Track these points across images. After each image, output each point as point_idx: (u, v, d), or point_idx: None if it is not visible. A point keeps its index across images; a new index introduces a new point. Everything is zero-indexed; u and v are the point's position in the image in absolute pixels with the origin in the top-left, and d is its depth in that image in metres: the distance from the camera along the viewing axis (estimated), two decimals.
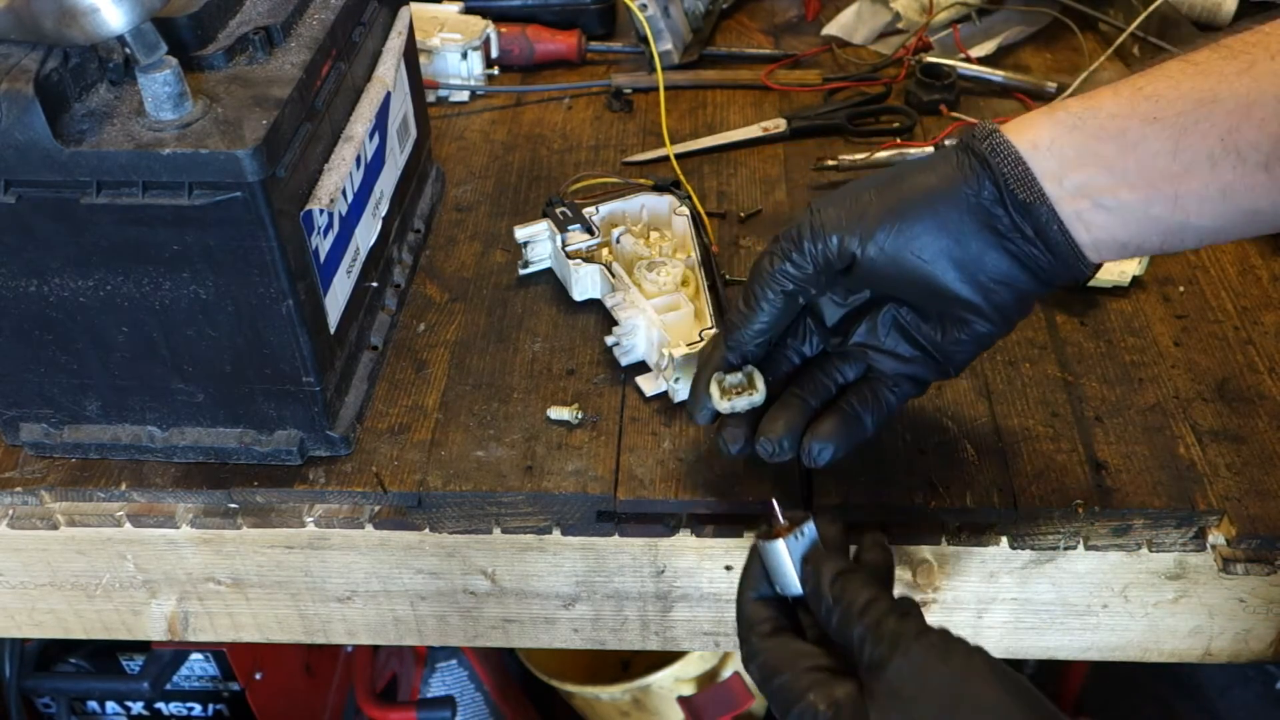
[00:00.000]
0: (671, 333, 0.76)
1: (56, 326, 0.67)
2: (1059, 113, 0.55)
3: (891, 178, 0.59)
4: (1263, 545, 0.69)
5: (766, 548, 0.58)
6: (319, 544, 0.75)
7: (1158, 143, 0.52)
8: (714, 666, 1.48)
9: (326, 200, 0.66)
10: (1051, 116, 0.55)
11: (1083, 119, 0.54)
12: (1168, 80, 0.53)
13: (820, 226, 0.59)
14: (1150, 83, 0.53)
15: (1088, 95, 0.55)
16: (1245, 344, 0.81)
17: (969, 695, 0.49)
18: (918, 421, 0.75)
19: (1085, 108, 0.54)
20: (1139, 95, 0.53)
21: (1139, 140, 0.53)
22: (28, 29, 0.57)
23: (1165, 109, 0.52)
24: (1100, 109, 0.54)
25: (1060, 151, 0.54)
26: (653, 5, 1.09)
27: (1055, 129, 0.55)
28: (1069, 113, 0.55)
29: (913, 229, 0.57)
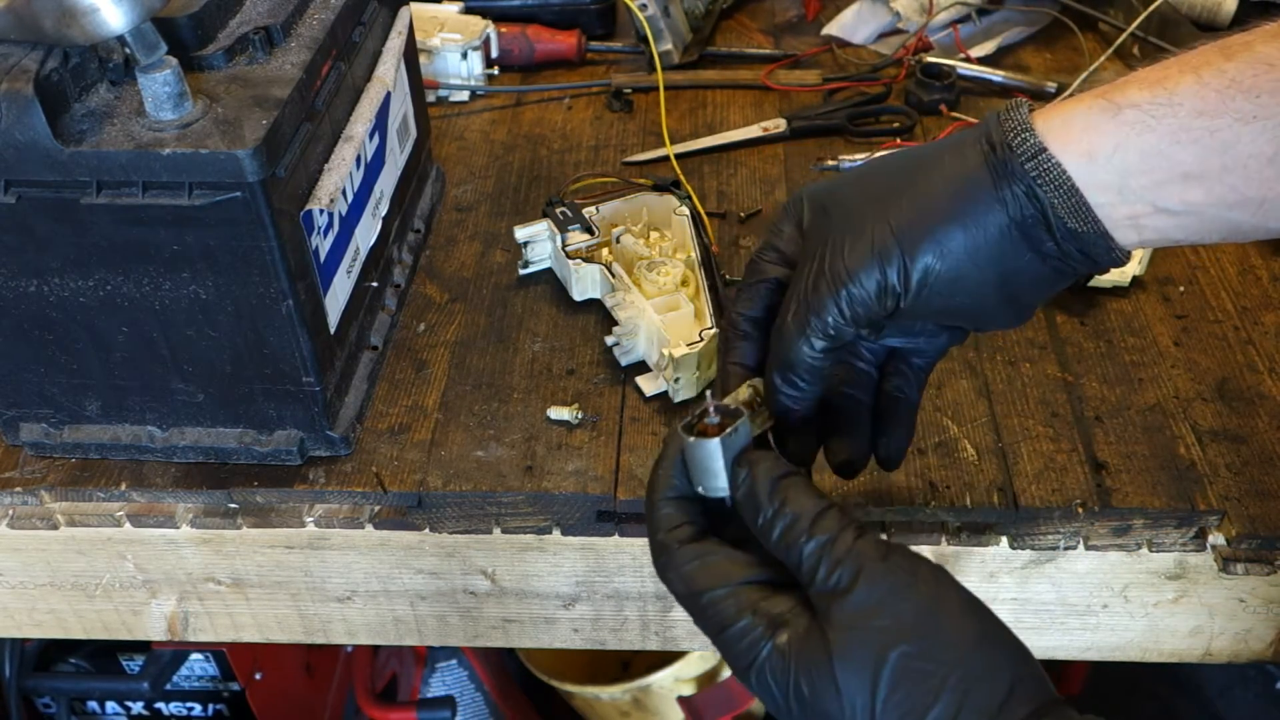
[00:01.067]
0: (671, 333, 0.76)
1: (56, 326, 0.67)
2: (1125, 109, 0.46)
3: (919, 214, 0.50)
4: (1263, 545, 0.69)
5: (694, 445, 0.49)
6: (319, 544, 0.75)
7: (1255, 145, 0.45)
8: (714, 666, 1.48)
9: (326, 200, 0.66)
10: (1115, 115, 0.47)
11: (1156, 117, 0.46)
12: (1269, 70, 0.44)
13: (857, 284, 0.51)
14: (1243, 71, 0.45)
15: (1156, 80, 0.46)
16: (1245, 344, 0.81)
17: (943, 629, 0.45)
18: (918, 421, 0.75)
19: (1158, 101, 0.46)
20: (1234, 86, 0.45)
21: (1232, 142, 0.45)
22: (28, 29, 0.57)
23: (1268, 106, 0.44)
24: (1180, 103, 0.46)
25: (1124, 161, 0.47)
26: (653, 5, 1.09)
27: (1120, 132, 0.47)
28: (1138, 110, 0.46)
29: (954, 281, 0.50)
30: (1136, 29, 1.07)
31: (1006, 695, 0.44)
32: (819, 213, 0.54)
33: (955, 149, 0.51)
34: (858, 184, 0.54)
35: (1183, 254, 0.89)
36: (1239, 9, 1.04)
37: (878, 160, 0.55)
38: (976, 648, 0.45)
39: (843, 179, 0.55)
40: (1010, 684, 0.44)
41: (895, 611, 0.45)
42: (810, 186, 0.56)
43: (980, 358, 0.80)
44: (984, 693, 0.44)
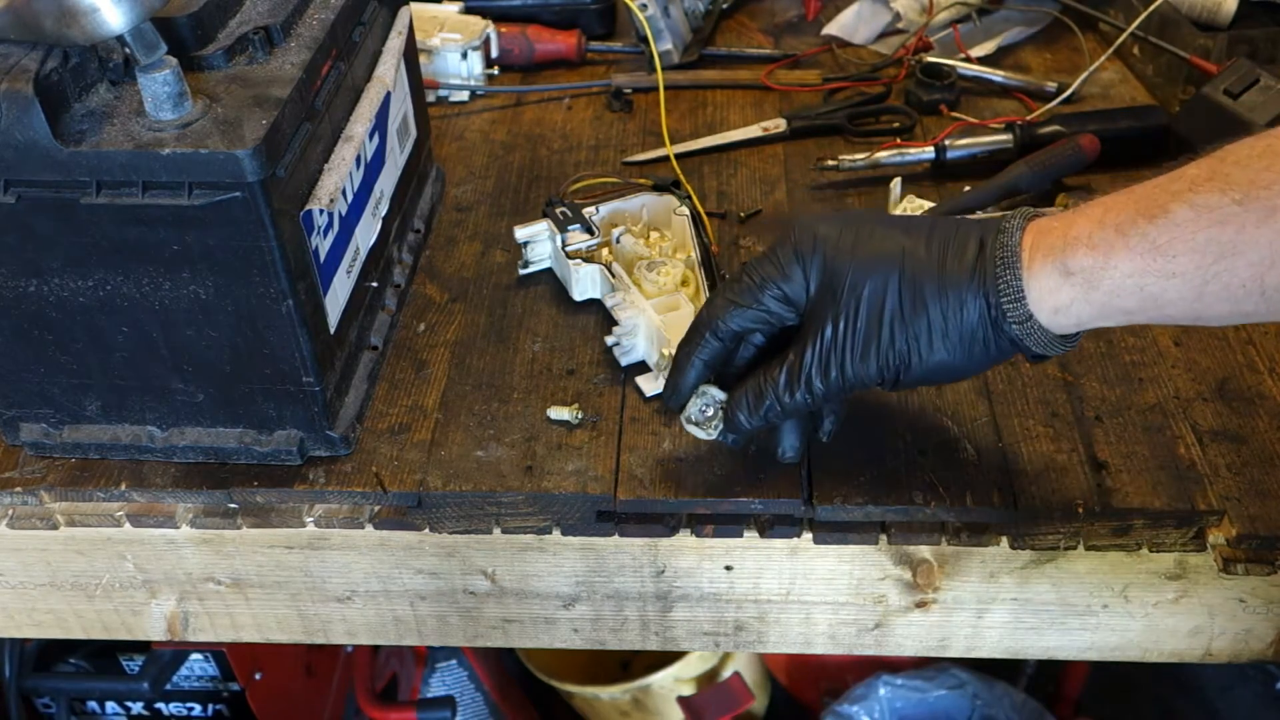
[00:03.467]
0: (671, 333, 0.76)
1: (56, 326, 0.67)
2: (1075, 274, 0.55)
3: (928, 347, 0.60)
4: (1263, 545, 0.69)
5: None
6: (319, 544, 0.75)
7: (1179, 293, 0.53)
8: (714, 666, 1.48)
9: (326, 200, 0.66)
10: (1068, 279, 0.56)
11: (1098, 280, 0.55)
12: (1182, 233, 0.52)
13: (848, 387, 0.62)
14: (1163, 235, 0.53)
15: (1095, 244, 0.55)
16: (1245, 344, 0.81)
17: None
18: (918, 421, 0.75)
19: (1097, 265, 0.55)
20: (1154, 251, 0.53)
21: (1159, 293, 0.54)
22: (28, 29, 0.57)
23: (1184, 265, 0.52)
24: (1115, 266, 0.54)
25: (1079, 312, 0.56)
26: (653, 5, 1.09)
27: (1074, 293, 0.56)
28: (1084, 275, 0.55)
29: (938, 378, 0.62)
30: (1136, 29, 1.07)
31: None
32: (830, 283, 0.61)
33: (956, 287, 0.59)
34: (870, 274, 0.61)
35: None
36: (1239, 9, 1.04)
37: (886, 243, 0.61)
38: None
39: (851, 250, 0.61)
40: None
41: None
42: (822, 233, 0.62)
43: None
44: None
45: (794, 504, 0.70)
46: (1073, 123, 1.00)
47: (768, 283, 0.63)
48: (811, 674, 1.55)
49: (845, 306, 0.60)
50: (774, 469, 0.71)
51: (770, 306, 0.63)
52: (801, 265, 0.62)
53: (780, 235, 0.64)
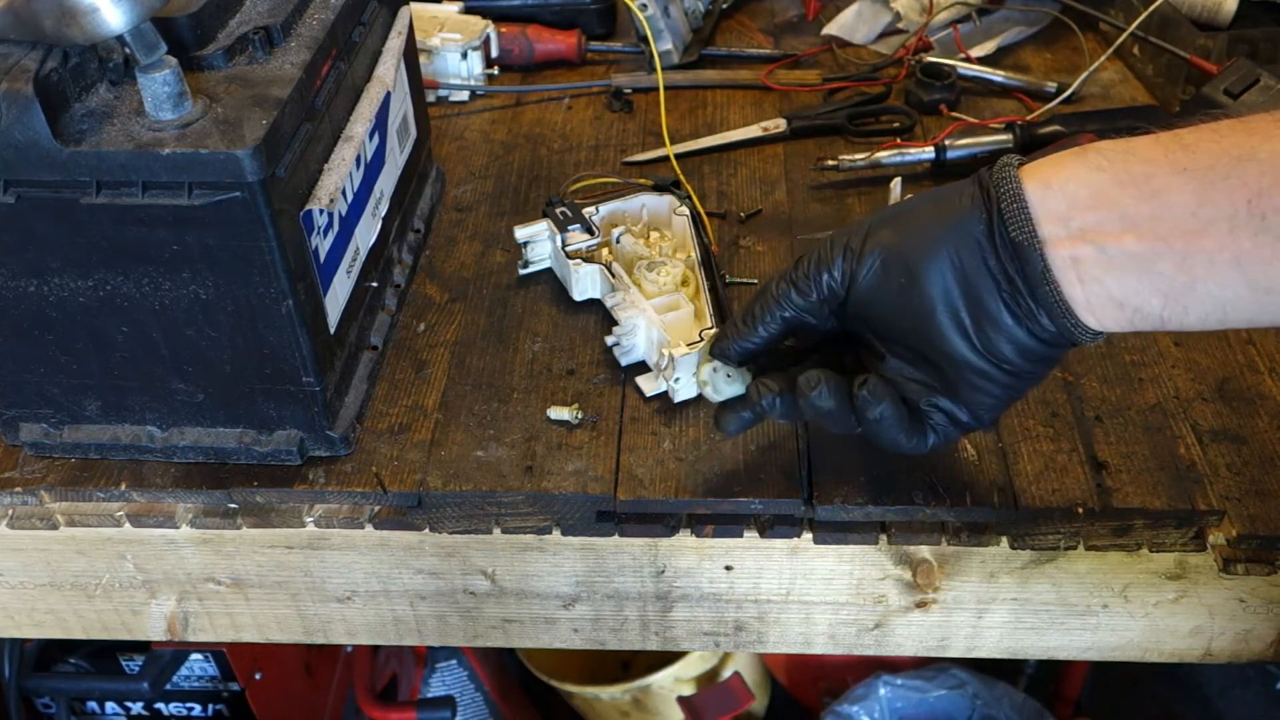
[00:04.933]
0: (671, 333, 0.76)
1: (56, 326, 0.67)
2: (1090, 153, 0.52)
3: (905, 206, 0.59)
4: (1263, 545, 0.69)
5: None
6: (319, 544, 0.75)
7: (1180, 195, 0.49)
8: (714, 666, 1.48)
9: (326, 200, 0.66)
10: (1082, 157, 0.52)
11: (1110, 161, 0.51)
12: (1211, 134, 0.49)
13: (827, 250, 0.60)
14: (1193, 133, 0.50)
15: (1132, 138, 0.52)
16: (1245, 344, 0.81)
17: None
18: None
19: (1119, 150, 0.52)
20: (1176, 144, 0.50)
21: (1162, 189, 0.50)
22: (28, 29, 0.57)
23: (1198, 160, 0.49)
24: (1134, 153, 0.51)
25: (1073, 192, 0.52)
26: (653, 5, 1.09)
27: (1078, 169, 0.52)
28: (1100, 154, 0.52)
29: (915, 258, 0.56)
30: (1136, 29, 1.07)
31: None
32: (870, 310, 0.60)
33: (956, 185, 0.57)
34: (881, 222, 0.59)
35: None
36: (1239, 8, 1.04)
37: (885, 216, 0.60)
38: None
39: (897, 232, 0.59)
40: None
41: None
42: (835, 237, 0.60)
43: None
44: None
45: (794, 504, 0.70)
46: (1073, 123, 1.00)
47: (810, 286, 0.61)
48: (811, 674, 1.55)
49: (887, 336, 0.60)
50: (774, 469, 0.71)
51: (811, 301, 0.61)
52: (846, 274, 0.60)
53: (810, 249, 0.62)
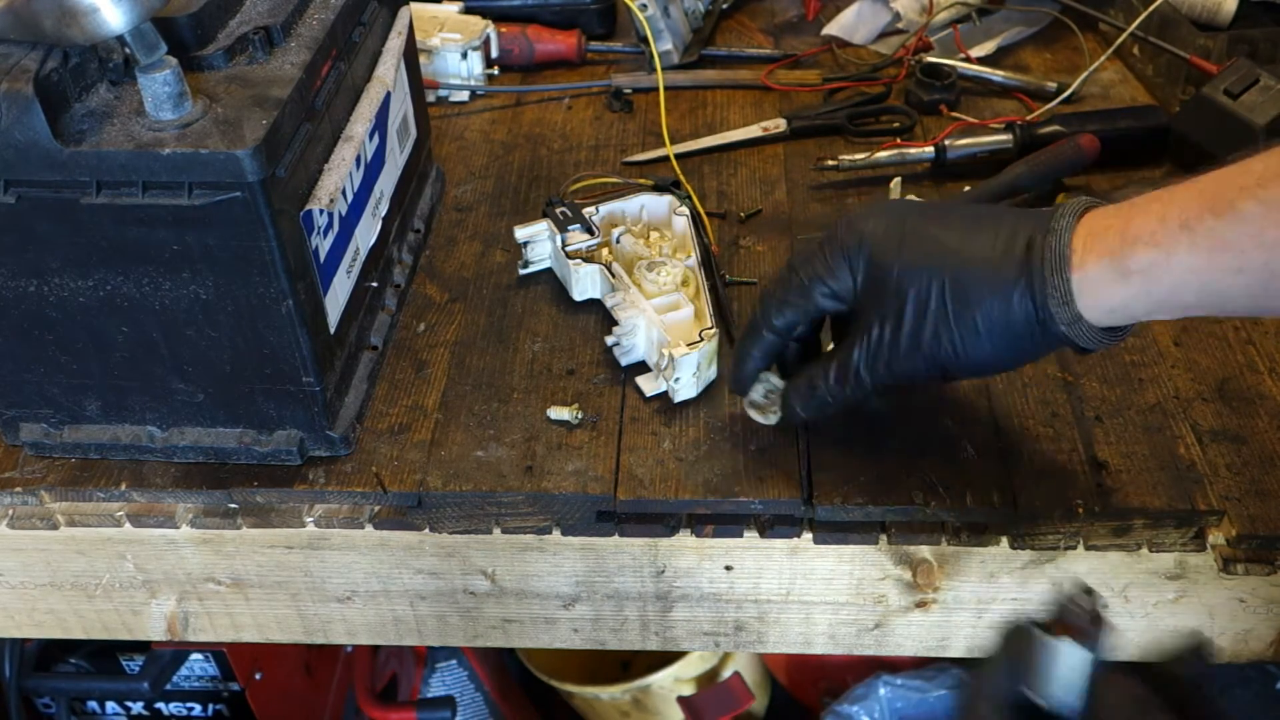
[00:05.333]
0: (671, 333, 0.76)
1: (56, 326, 0.67)
2: (1133, 275, 0.55)
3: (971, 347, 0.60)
4: (1263, 545, 0.69)
5: (1057, 648, 0.46)
6: (319, 544, 0.75)
7: (1244, 289, 0.53)
8: (714, 666, 1.48)
9: (326, 200, 0.66)
10: (1125, 280, 0.55)
11: (1157, 279, 0.54)
12: (1250, 229, 0.51)
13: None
14: (1231, 232, 0.52)
15: (1157, 242, 0.54)
16: (1245, 344, 0.81)
17: None
18: (918, 421, 0.75)
19: (1158, 264, 0.54)
20: (1222, 248, 0.52)
21: (1224, 290, 0.53)
22: (28, 29, 0.57)
23: (1252, 261, 0.52)
24: (1178, 263, 0.53)
25: (1134, 310, 0.57)
26: (653, 5, 1.09)
27: (1130, 293, 0.56)
28: (1144, 275, 0.55)
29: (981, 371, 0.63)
30: (1136, 29, 1.07)
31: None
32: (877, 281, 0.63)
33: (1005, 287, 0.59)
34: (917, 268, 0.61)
35: None
36: (1239, 8, 1.03)
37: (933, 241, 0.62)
38: None
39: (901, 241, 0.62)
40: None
41: None
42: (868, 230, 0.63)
43: None
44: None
45: (794, 504, 0.70)
46: (1073, 123, 1.00)
47: (815, 281, 0.65)
48: (811, 674, 1.54)
49: (890, 306, 0.62)
50: (774, 469, 0.71)
51: (820, 304, 0.66)
52: (849, 263, 0.64)
53: (828, 233, 0.65)
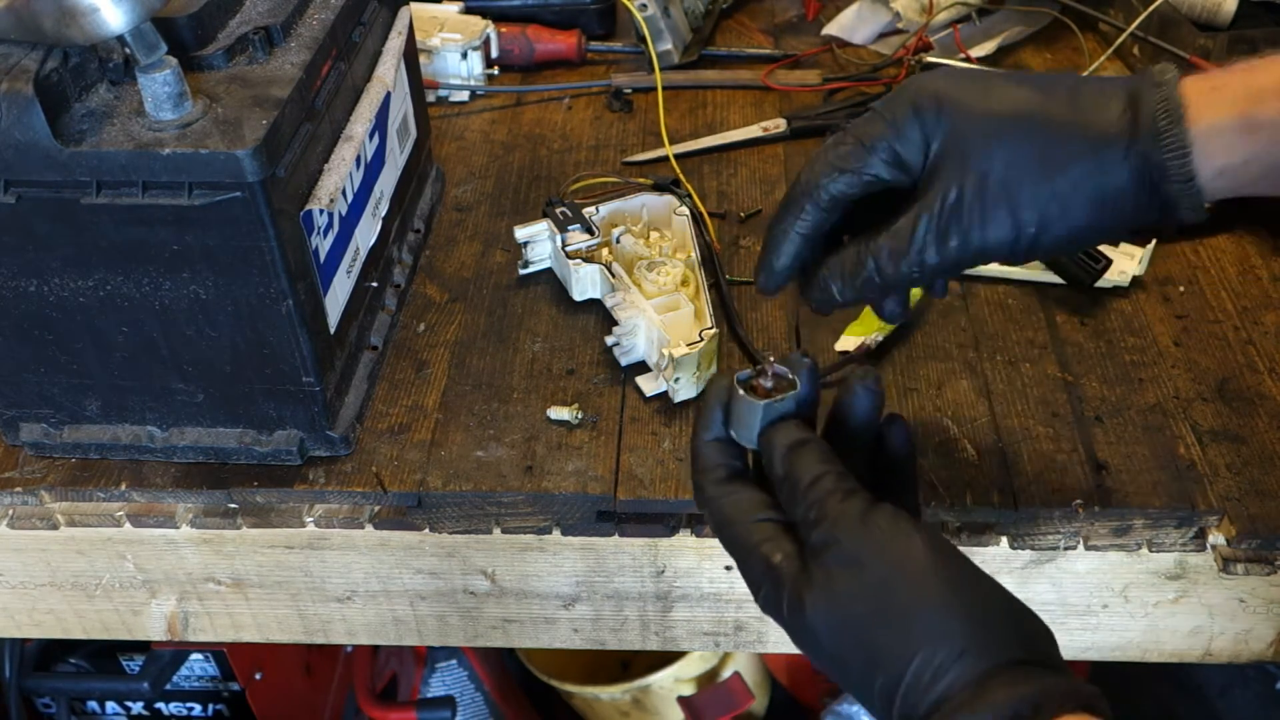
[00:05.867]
0: (671, 333, 0.76)
1: (56, 326, 0.67)
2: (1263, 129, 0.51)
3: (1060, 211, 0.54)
4: (1263, 545, 0.69)
5: (740, 400, 0.54)
6: (319, 544, 0.75)
7: None
8: (714, 666, 1.48)
9: (326, 200, 0.66)
10: (1253, 135, 0.51)
11: None
12: None
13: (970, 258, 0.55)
14: None
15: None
16: (1245, 344, 0.81)
17: (900, 596, 0.48)
18: (918, 421, 0.75)
19: None
20: None
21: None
22: (28, 29, 0.57)
23: None
24: None
25: (1249, 171, 0.52)
26: (652, 5, 1.09)
27: (1253, 149, 0.51)
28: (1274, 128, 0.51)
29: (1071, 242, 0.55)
30: (1136, 29, 1.07)
31: (957, 656, 0.46)
32: (956, 143, 0.54)
33: (1106, 145, 0.53)
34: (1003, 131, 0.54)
35: (1183, 254, 0.89)
36: (1239, 8, 1.03)
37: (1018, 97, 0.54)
38: (930, 613, 0.47)
39: (979, 106, 0.54)
40: (962, 647, 0.46)
41: (861, 574, 0.49)
42: (944, 88, 0.55)
43: (980, 358, 0.80)
44: (932, 654, 0.46)
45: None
46: None
47: (879, 142, 0.55)
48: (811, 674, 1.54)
49: (974, 168, 0.53)
50: None
51: (879, 171, 0.56)
52: (921, 123, 0.55)
53: (895, 91, 0.56)
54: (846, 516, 0.50)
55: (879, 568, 0.49)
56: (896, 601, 0.48)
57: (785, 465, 0.53)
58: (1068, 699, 0.44)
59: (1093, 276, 0.84)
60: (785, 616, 0.51)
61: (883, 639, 0.48)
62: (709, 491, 0.55)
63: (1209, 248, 0.90)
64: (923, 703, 0.46)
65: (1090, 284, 0.84)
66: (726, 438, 0.56)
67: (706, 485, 0.56)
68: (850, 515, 0.50)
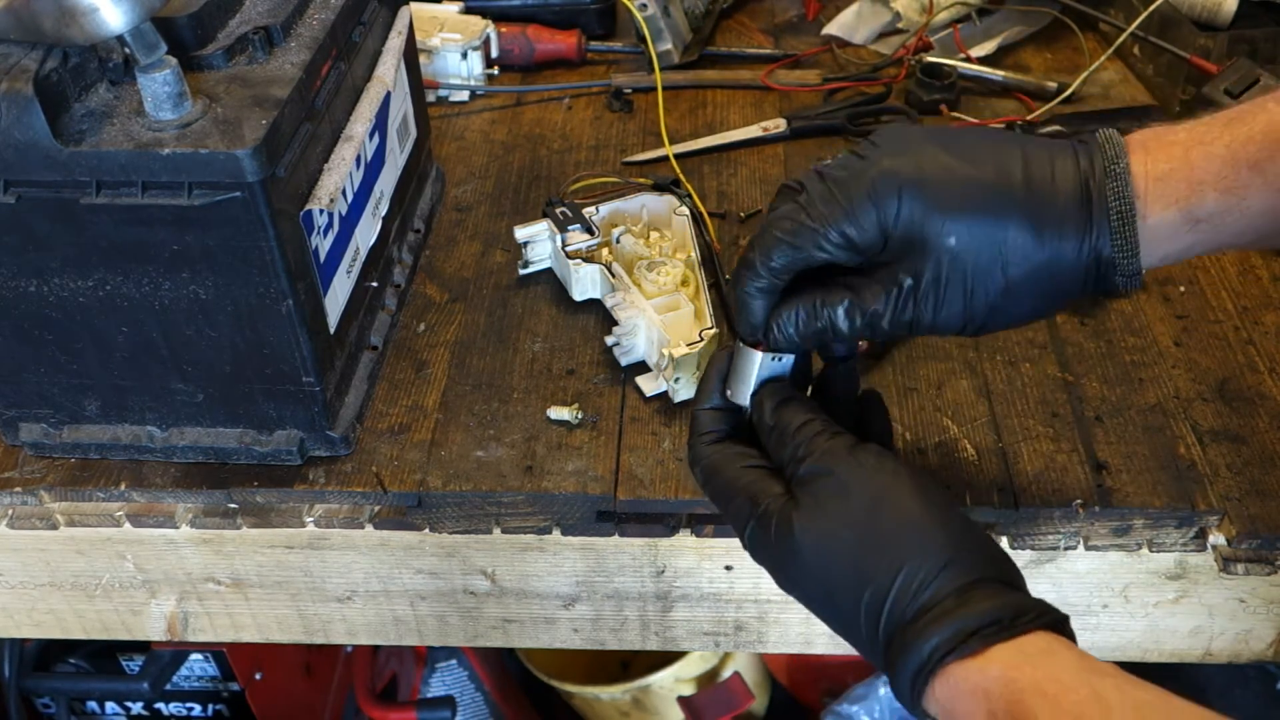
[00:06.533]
0: (671, 333, 0.76)
1: (56, 326, 0.67)
2: (1201, 223, 0.53)
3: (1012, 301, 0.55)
4: (1263, 545, 0.69)
5: (743, 351, 0.59)
6: (319, 544, 0.75)
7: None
8: (714, 666, 1.48)
9: (326, 200, 0.66)
10: (1193, 228, 0.53)
11: (1227, 224, 0.53)
12: None
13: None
14: None
15: (1229, 186, 0.52)
16: (1245, 344, 0.81)
17: (887, 517, 0.52)
18: (918, 421, 0.75)
19: (1230, 209, 0.52)
20: None
21: None
22: (28, 29, 0.57)
23: None
24: (1248, 207, 0.52)
25: (1188, 253, 0.55)
26: (652, 5, 1.09)
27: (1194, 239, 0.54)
28: (1211, 223, 0.53)
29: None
30: (1136, 29, 1.07)
31: (941, 569, 0.50)
32: (913, 233, 0.54)
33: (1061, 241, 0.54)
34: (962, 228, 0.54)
35: None
36: (1239, 8, 1.03)
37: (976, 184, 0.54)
38: (915, 531, 0.52)
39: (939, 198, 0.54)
40: (946, 559, 0.51)
41: (849, 499, 0.53)
42: (905, 175, 0.54)
43: (980, 358, 0.80)
44: (917, 568, 0.51)
45: None
46: (1073, 123, 1.00)
47: (830, 225, 0.54)
48: (811, 674, 1.54)
49: (933, 258, 0.54)
50: None
51: (828, 252, 0.55)
52: (878, 211, 0.54)
53: (855, 172, 0.55)
54: (834, 450, 0.55)
55: (866, 492, 0.53)
56: (883, 520, 0.52)
57: (775, 415, 0.57)
58: (1041, 615, 0.49)
59: None
60: (773, 544, 0.54)
61: (870, 554, 0.51)
62: (700, 450, 0.60)
63: None
64: (910, 609, 0.50)
65: None
66: (723, 406, 0.61)
67: (698, 444, 0.60)
68: (838, 449, 0.55)
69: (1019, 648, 0.48)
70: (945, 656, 0.48)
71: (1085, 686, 0.46)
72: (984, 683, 0.47)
